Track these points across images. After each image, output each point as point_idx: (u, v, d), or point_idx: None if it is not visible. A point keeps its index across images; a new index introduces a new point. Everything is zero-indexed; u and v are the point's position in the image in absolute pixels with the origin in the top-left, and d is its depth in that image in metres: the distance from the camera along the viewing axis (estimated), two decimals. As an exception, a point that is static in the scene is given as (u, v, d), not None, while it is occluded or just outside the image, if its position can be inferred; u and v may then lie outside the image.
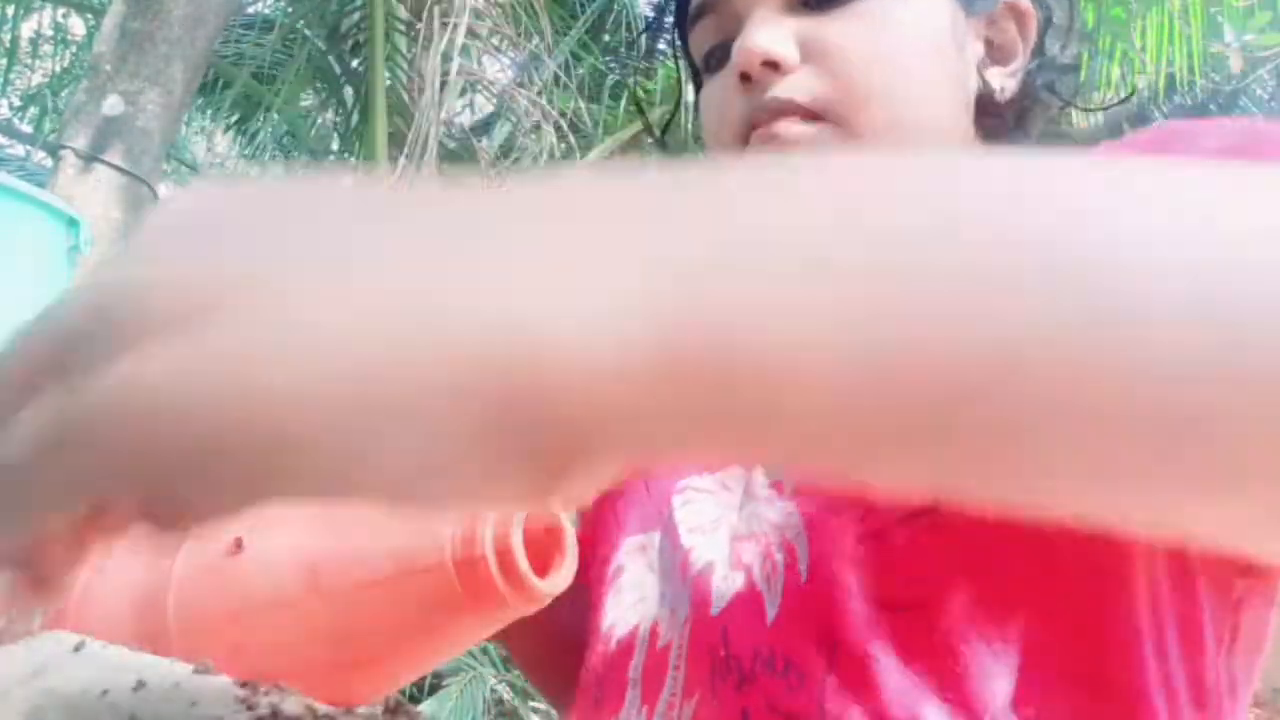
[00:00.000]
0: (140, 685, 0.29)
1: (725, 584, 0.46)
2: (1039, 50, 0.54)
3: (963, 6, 0.51)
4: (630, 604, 0.50)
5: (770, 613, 0.43)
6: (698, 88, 0.58)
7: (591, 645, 0.52)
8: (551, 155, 3.83)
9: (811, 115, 0.47)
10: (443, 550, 0.34)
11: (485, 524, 0.34)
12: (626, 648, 0.49)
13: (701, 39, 0.54)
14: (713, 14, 0.52)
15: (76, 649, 0.32)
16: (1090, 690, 0.38)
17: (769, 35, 0.47)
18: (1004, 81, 0.53)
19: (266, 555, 0.36)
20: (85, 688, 0.29)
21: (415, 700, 4.42)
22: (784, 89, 0.47)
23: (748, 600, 0.44)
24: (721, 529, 0.48)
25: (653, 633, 0.48)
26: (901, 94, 0.48)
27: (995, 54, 0.53)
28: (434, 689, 3.79)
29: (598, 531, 0.56)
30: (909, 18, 0.49)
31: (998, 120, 0.54)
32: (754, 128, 0.49)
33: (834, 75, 0.47)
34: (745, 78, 0.48)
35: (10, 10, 5.03)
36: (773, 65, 0.47)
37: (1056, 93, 0.56)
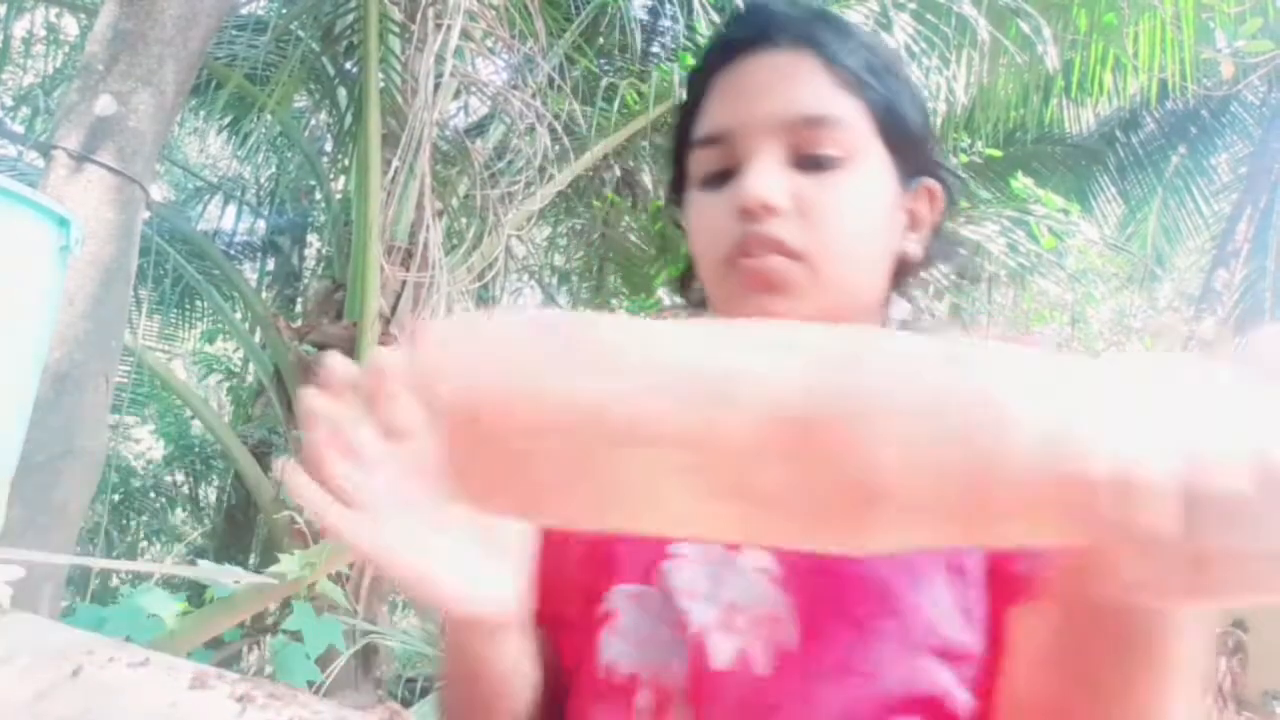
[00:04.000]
0: (135, 709, 0.29)
1: (723, 643, 0.58)
2: (939, 225, 0.71)
3: (900, 184, 0.66)
4: (628, 645, 0.60)
5: (761, 669, 0.56)
6: (676, 188, 0.71)
7: (584, 673, 0.62)
8: (545, 158, 3.83)
9: (792, 254, 0.61)
10: None
11: None
12: (630, 683, 0.59)
13: (705, 162, 0.65)
14: (719, 146, 0.64)
15: (74, 674, 0.32)
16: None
17: (771, 185, 0.61)
18: (915, 246, 0.69)
19: None
20: (84, 712, 0.29)
21: (408, 704, 4.40)
22: (775, 228, 0.61)
23: (743, 659, 0.57)
24: (701, 592, 0.60)
25: (655, 675, 0.59)
26: (856, 254, 0.63)
27: (911, 222, 0.69)
28: (425, 692, 3.78)
29: (587, 574, 0.64)
30: (872, 192, 0.64)
31: (902, 277, 0.70)
32: (744, 253, 0.62)
33: (814, 229, 0.61)
34: (746, 212, 0.61)
35: (2, 10, 5.01)
36: (769, 209, 0.60)
37: (947, 259, 0.73)
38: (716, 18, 5.08)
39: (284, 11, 4.79)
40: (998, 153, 5.79)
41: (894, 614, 0.56)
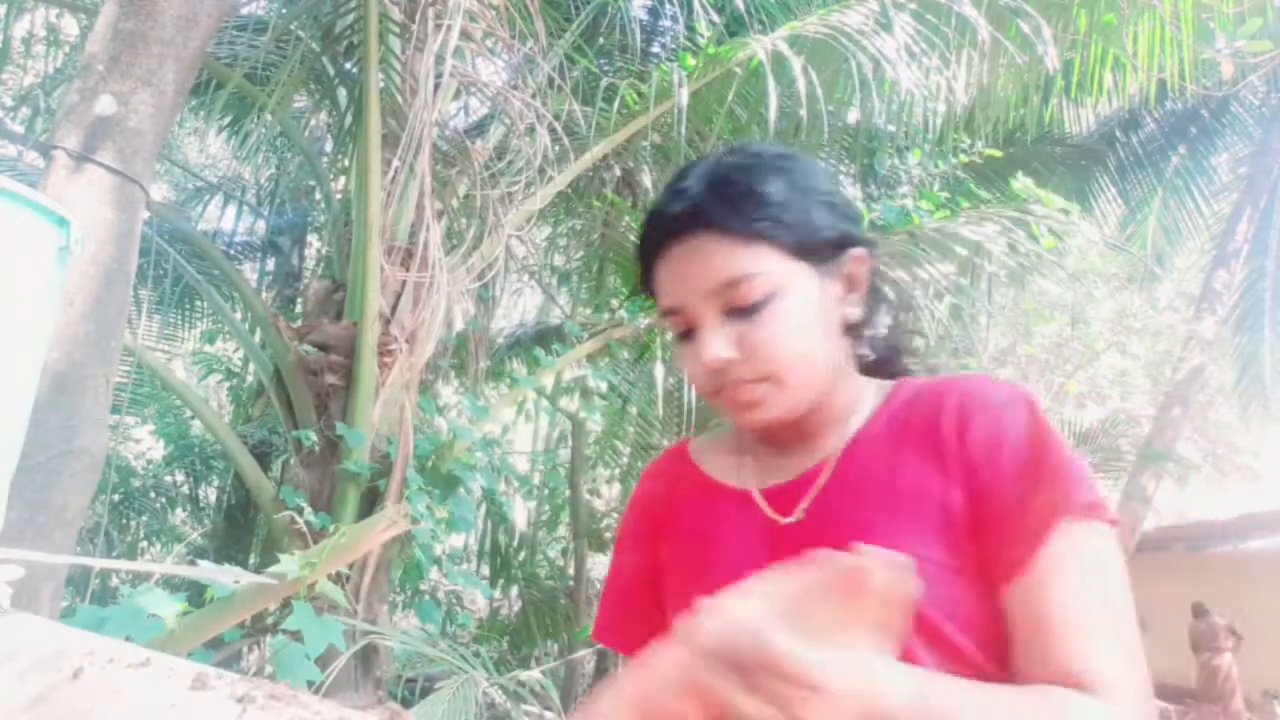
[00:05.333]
0: (136, 710, 0.29)
1: None
2: (872, 280, 0.88)
3: (821, 274, 0.82)
4: None
5: None
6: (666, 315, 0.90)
7: None
8: (545, 158, 3.83)
9: (755, 381, 0.80)
10: None
11: None
12: None
13: (673, 325, 0.84)
14: (676, 314, 0.83)
15: (75, 675, 0.32)
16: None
17: (718, 348, 0.79)
18: (854, 309, 0.86)
19: None
20: (84, 713, 0.29)
21: (408, 704, 4.39)
22: (734, 372, 0.80)
23: None
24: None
25: None
26: (806, 354, 0.81)
27: (849, 285, 0.86)
28: (425, 692, 3.78)
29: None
30: (799, 305, 0.80)
31: (853, 333, 0.88)
32: (718, 392, 0.82)
33: (762, 359, 0.79)
34: (709, 370, 0.80)
35: (2, 10, 5.01)
36: (723, 362, 0.79)
37: (884, 305, 0.92)
38: (716, 18, 5.08)
39: (284, 11, 4.79)
40: (998, 153, 5.79)
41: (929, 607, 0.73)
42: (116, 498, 6.72)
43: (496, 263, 4.21)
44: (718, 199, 0.80)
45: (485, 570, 6.71)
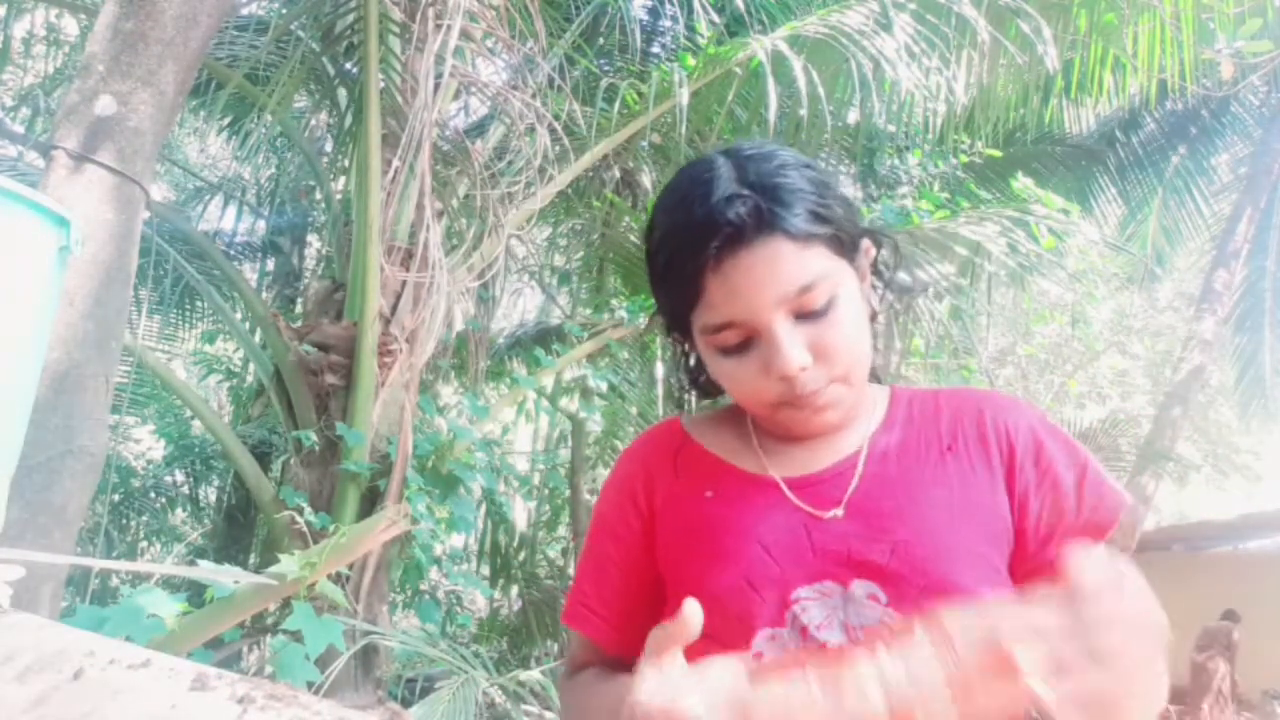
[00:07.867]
0: (136, 710, 0.29)
1: None
2: (875, 268, 0.89)
3: (854, 269, 0.83)
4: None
5: None
6: (673, 331, 0.90)
7: None
8: (545, 158, 3.83)
9: (830, 383, 0.79)
10: None
11: None
12: None
13: (723, 340, 0.80)
14: (735, 328, 0.79)
15: (76, 676, 0.32)
16: None
17: (799, 353, 0.77)
18: (873, 299, 0.89)
19: None
20: (85, 714, 0.29)
21: (407, 704, 4.39)
22: (811, 379, 0.79)
23: None
24: (834, 623, 0.78)
25: None
26: (864, 350, 0.82)
27: (862, 276, 0.86)
28: (425, 692, 3.78)
29: (723, 625, 0.79)
30: (853, 302, 0.80)
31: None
32: (791, 400, 0.80)
33: (833, 363, 0.79)
34: (787, 378, 0.78)
35: (2, 10, 5.01)
36: (804, 369, 0.77)
37: (893, 289, 0.93)
38: (716, 18, 5.08)
39: (284, 12, 4.79)
40: (998, 153, 5.79)
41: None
42: (116, 498, 6.71)
43: (496, 263, 4.21)
44: (773, 201, 0.76)
45: (485, 570, 6.71)
